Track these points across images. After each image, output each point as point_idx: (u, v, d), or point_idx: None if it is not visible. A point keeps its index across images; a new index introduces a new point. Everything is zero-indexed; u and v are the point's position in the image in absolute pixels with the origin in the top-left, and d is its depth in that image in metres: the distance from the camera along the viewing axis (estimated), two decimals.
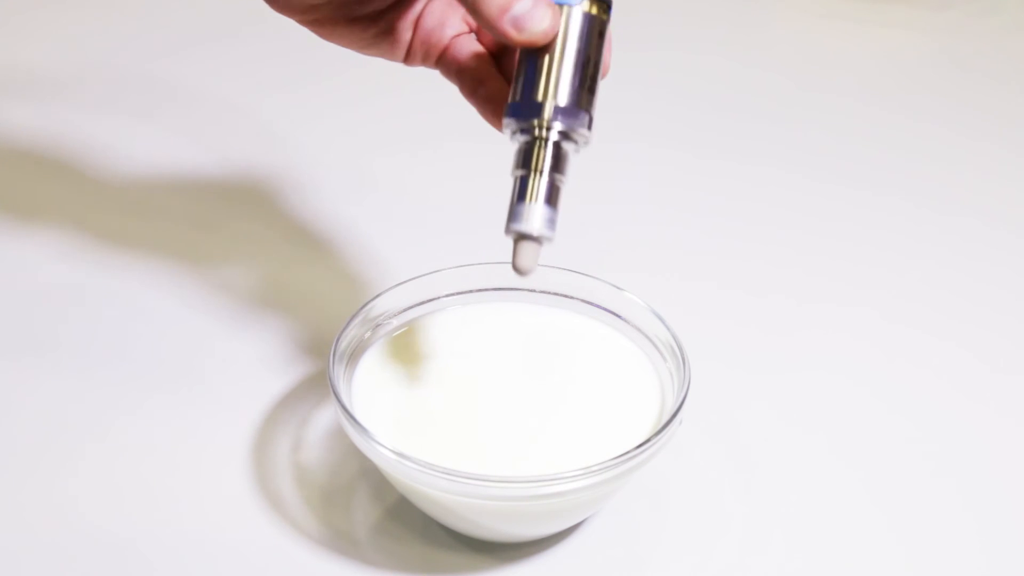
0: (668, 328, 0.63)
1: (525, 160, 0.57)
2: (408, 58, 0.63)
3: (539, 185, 0.56)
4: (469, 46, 0.62)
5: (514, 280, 0.67)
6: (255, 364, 0.70)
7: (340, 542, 0.61)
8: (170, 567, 0.60)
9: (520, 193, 0.57)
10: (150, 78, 0.97)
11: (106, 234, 0.80)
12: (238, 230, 0.81)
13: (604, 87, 0.88)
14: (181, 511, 0.63)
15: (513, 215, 0.56)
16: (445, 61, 0.63)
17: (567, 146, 0.57)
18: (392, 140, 0.91)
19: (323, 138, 0.90)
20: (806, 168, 0.91)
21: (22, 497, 0.63)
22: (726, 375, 0.71)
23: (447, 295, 0.67)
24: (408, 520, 0.62)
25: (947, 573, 0.62)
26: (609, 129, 0.93)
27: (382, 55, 0.63)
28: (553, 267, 0.67)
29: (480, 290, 0.67)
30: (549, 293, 0.67)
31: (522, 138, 0.57)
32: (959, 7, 1.13)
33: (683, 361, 0.62)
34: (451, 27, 0.62)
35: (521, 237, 0.56)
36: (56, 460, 0.65)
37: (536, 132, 0.56)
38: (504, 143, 0.58)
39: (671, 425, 0.59)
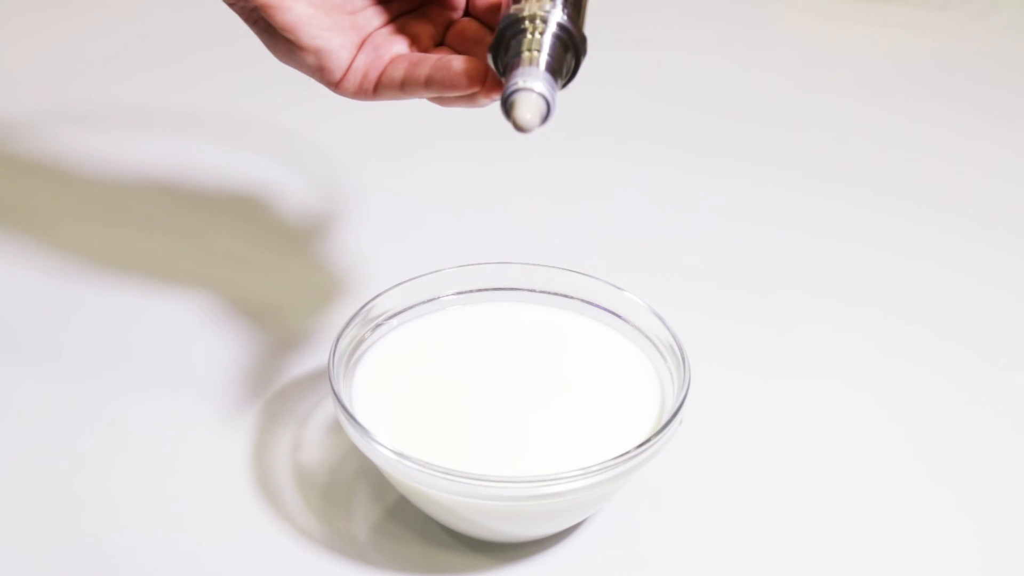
0: (668, 328, 0.63)
1: (519, 47, 0.54)
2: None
3: (539, 58, 0.54)
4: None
5: (514, 280, 0.67)
6: (255, 365, 0.70)
7: (340, 542, 0.61)
8: (170, 567, 0.60)
9: (516, 64, 0.54)
10: (149, 81, 0.97)
11: (107, 239, 0.80)
12: (237, 232, 0.81)
13: (604, 87, 0.88)
14: (181, 511, 0.63)
15: (510, 77, 0.53)
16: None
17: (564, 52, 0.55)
18: (391, 142, 0.91)
19: (321, 141, 0.90)
20: (806, 168, 0.91)
21: (22, 499, 0.63)
22: (726, 375, 0.71)
23: (447, 295, 0.67)
24: (408, 520, 0.62)
25: (946, 573, 0.62)
26: (609, 129, 0.94)
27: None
28: (553, 267, 0.67)
29: (480, 290, 0.67)
30: (549, 293, 0.67)
31: (518, 36, 0.55)
32: (959, 7, 1.13)
33: (683, 361, 0.61)
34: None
35: (519, 91, 0.53)
36: (56, 462, 0.65)
37: (530, 24, 0.55)
38: (501, 143, 0.58)
39: (671, 425, 0.59)
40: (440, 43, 0.62)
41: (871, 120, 0.97)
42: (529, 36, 0.55)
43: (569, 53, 0.55)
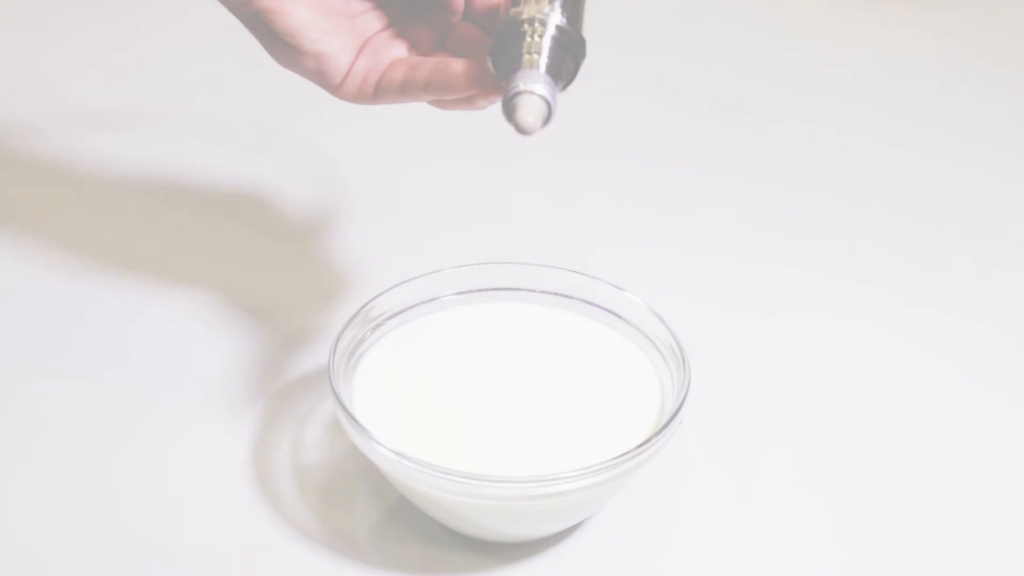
0: (668, 328, 0.63)
1: (518, 50, 0.54)
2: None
3: (538, 60, 0.54)
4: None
5: (514, 280, 0.67)
6: (255, 364, 0.70)
7: (340, 542, 0.61)
8: (171, 567, 0.60)
9: (516, 67, 0.54)
10: (149, 81, 0.97)
11: (107, 239, 0.80)
12: (237, 232, 0.81)
13: (604, 87, 0.87)
14: (182, 511, 0.63)
15: (511, 80, 0.54)
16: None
17: (563, 53, 0.55)
18: (391, 142, 0.91)
19: (321, 141, 0.90)
20: (806, 168, 0.91)
21: (22, 499, 0.63)
22: (726, 375, 0.71)
23: (447, 295, 0.67)
24: (408, 520, 0.62)
25: (946, 572, 0.62)
26: (609, 128, 0.94)
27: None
28: (553, 267, 0.67)
29: (480, 290, 0.67)
30: (549, 293, 0.67)
31: (517, 39, 0.55)
32: (959, 7, 1.13)
33: (683, 361, 0.62)
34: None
35: (521, 93, 0.53)
36: (56, 463, 0.65)
37: (529, 27, 0.55)
38: (501, 143, 0.58)
39: (671, 425, 0.59)
40: (439, 47, 0.62)
41: (871, 120, 0.97)
42: (528, 39, 0.55)
43: (568, 55, 0.55)
